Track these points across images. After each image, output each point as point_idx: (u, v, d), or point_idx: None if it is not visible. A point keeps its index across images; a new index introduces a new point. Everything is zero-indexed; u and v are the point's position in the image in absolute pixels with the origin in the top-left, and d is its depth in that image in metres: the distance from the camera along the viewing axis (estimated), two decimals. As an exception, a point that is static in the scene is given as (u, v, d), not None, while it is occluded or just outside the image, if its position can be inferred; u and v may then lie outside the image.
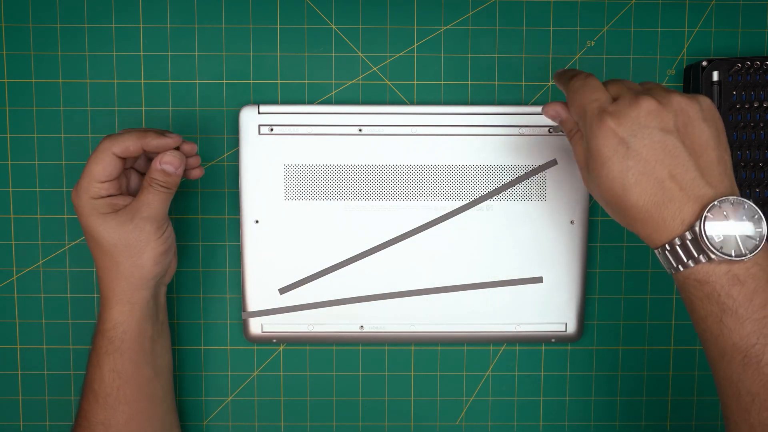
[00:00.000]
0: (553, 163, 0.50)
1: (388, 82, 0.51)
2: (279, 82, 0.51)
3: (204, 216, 0.52)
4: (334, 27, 0.51)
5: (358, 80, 0.51)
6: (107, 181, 0.43)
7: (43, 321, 0.53)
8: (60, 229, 0.52)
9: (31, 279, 0.52)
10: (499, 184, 0.50)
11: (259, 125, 0.49)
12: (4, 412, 0.53)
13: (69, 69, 0.51)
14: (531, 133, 0.50)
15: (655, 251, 0.37)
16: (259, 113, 0.49)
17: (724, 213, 0.35)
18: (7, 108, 0.51)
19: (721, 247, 0.34)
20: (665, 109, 0.36)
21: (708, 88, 0.49)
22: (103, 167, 0.42)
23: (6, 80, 0.51)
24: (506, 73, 0.51)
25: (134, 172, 0.46)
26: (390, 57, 0.51)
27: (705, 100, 0.37)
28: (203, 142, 0.51)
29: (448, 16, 0.51)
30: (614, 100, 0.37)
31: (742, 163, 0.49)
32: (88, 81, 0.51)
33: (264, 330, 0.51)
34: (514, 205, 0.50)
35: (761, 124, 0.49)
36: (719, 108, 0.49)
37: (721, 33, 0.51)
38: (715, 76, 0.49)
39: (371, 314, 0.51)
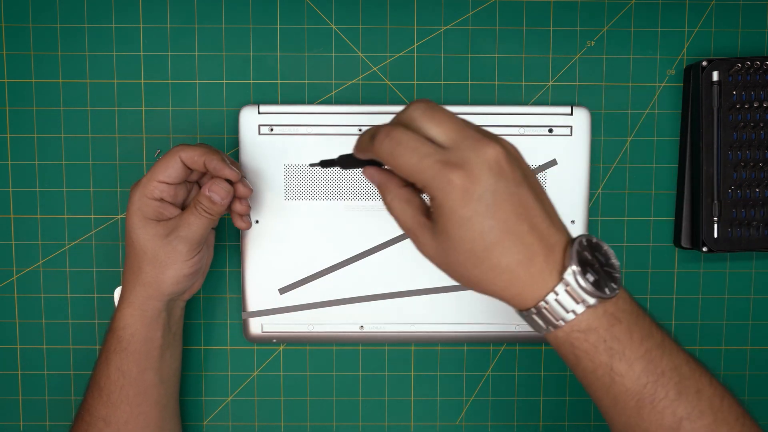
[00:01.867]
0: (553, 163, 0.50)
1: (388, 82, 0.51)
2: (279, 82, 0.51)
3: (204, 216, 0.52)
4: (334, 27, 0.51)
5: (358, 80, 0.51)
6: (165, 182, 0.43)
7: (43, 321, 0.53)
8: (60, 229, 0.52)
9: (31, 279, 0.52)
10: (499, 184, 0.50)
11: (259, 125, 0.49)
12: (4, 412, 0.53)
13: (69, 69, 0.51)
14: (531, 133, 0.50)
15: (523, 313, 0.34)
16: (259, 113, 0.49)
17: (585, 254, 0.33)
18: (7, 108, 0.51)
19: (595, 289, 0.32)
20: (510, 157, 0.32)
21: (708, 88, 0.49)
22: (165, 167, 0.43)
23: (6, 80, 0.51)
24: (506, 73, 0.51)
25: (196, 188, 0.47)
26: (390, 57, 0.51)
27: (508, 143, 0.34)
28: (203, 142, 0.51)
29: (448, 16, 0.51)
30: (440, 145, 0.32)
31: (742, 163, 0.49)
32: (88, 81, 0.51)
33: (264, 330, 0.51)
34: (514, 205, 0.50)
35: (761, 124, 0.49)
36: (719, 108, 0.49)
37: (721, 33, 0.51)
38: (715, 76, 0.49)
39: (371, 314, 0.51)
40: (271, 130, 0.50)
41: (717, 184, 0.49)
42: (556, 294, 0.32)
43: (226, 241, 0.52)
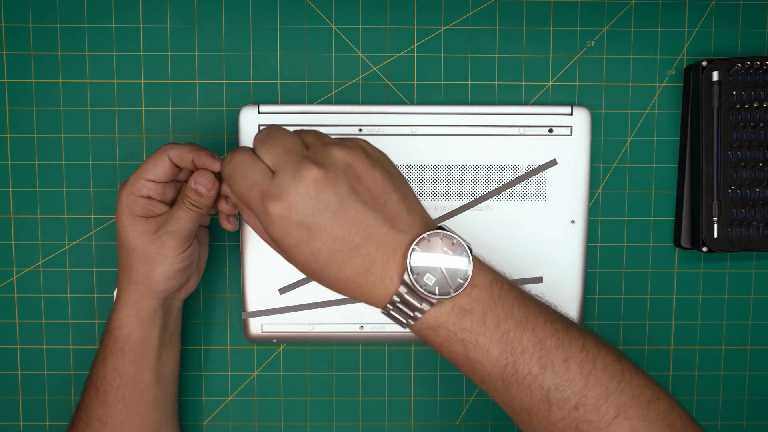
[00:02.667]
0: (553, 163, 0.50)
1: (388, 82, 0.51)
2: (279, 82, 0.51)
3: (204, 216, 0.52)
4: (334, 27, 0.51)
5: (358, 80, 0.51)
6: (153, 181, 0.43)
7: (43, 321, 0.53)
8: (60, 229, 0.52)
9: (31, 279, 0.52)
10: (499, 184, 0.50)
11: (259, 125, 0.49)
12: (4, 412, 0.53)
13: (69, 69, 0.51)
14: (531, 133, 0.50)
15: (382, 312, 0.35)
16: (259, 113, 0.49)
17: (427, 253, 0.33)
18: (7, 108, 0.51)
19: (437, 288, 0.33)
20: (331, 172, 0.33)
21: (708, 88, 0.49)
22: (153, 166, 0.43)
23: (6, 80, 0.51)
24: (506, 73, 0.51)
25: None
26: (390, 57, 0.51)
27: (364, 143, 0.35)
28: (203, 142, 0.51)
29: (448, 16, 0.51)
30: (273, 171, 0.33)
31: (742, 163, 0.49)
32: (88, 81, 0.51)
33: (264, 330, 0.51)
34: (514, 205, 0.50)
35: (761, 124, 0.49)
36: (719, 108, 0.49)
37: (721, 33, 0.51)
38: (715, 76, 0.49)
39: (371, 314, 0.51)
40: (271, 130, 0.49)
41: (717, 184, 0.49)
42: (400, 296, 0.33)
43: (226, 241, 0.52)
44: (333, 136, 0.36)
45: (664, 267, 0.53)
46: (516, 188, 0.50)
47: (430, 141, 0.50)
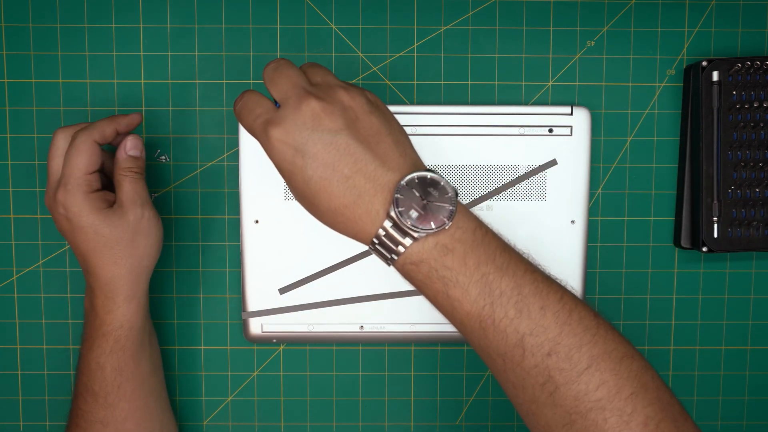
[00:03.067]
0: (553, 163, 0.50)
1: (388, 82, 0.51)
2: (279, 82, 0.51)
3: (204, 216, 0.52)
4: (334, 27, 0.51)
5: (358, 80, 0.51)
6: (94, 172, 0.43)
7: (43, 321, 0.53)
8: (60, 229, 0.52)
9: (31, 279, 0.52)
10: (499, 184, 0.50)
11: (259, 125, 0.49)
12: (4, 412, 0.53)
13: (69, 69, 0.51)
14: (531, 133, 0.50)
15: (369, 248, 0.37)
16: (259, 113, 0.49)
17: (414, 191, 0.35)
18: (7, 108, 0.51)
19: (420, 224, 0.34)
20: (330, 107, 0.35)
21: (708, 88, 0.49)
22: (88, 157, 0.43)
23: (6, 80, 0.51)
24: (506, 73, 0.51)
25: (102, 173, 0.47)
26: (390, 57, 0.51)
27: (369, 93, 0.37)
28: (203, 142, 0.51)
29: (448, 16, 0.51)
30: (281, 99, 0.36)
31: (742, 163, 0.49)
32: (88, 81, 0.51)
33: (264, 330, 0.51)
34: (514, 205, 0.50)
35: (761, 124, 0.49)
36: (719, 108, 0.49)
37: (721, 33, 0.51)
38: (715, 76, 0.49)
39: (371, 314, 0.51)
40: (271, 130, 0.49)
41: (717, 184, 0.49)
42: (385, 230, 0.35)
43: (226, 241, 0.52)
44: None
45: (664, 267, 0.53)
46: (516, 188, 0.50)
47: (430, 141, 0.50)
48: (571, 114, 0.50)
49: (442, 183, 0.36)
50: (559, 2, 0.51)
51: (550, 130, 0.50)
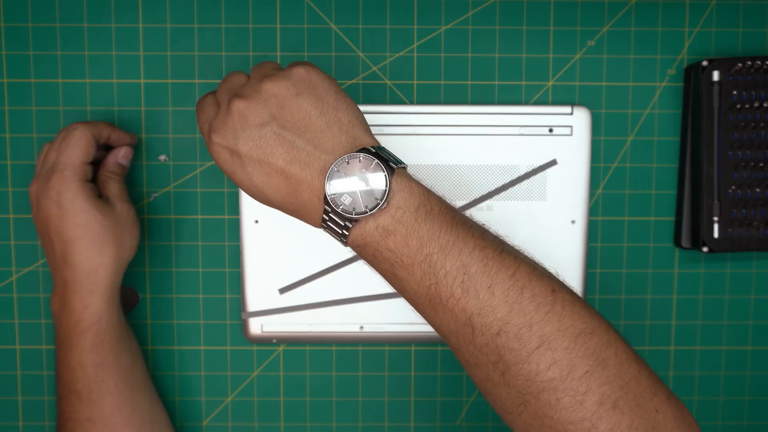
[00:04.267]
0: (553, 163, 0.50)
1: (388, 82, 0.51)
2: (279, 82, 0.51)
3: (204, 216, 0.52)
4: (334, 27, 0.51)
5: (358, 80, 0.51)
6: (89, 163, 0.45)
7: (43, 321, 0.53)
8: (60, 229, 0.52)
9: (30, 279, 0.52)
10: (499, 184, 0.50)
11: (259, 125, 0.49)
12: (3, 412, 0.53)
13: (68, 69, 0.51)
14: (531, 133, 0.50)
15: (324, 231, 0.37)
16: (258, 113, 0.49)
17: (345, 173, 0.34)
18: (7, 108, 0.51)
19: (354, 208, 0.34)
20: (254, 103, 0.35)
21: (708, 88, 0.49)
22: (87, 148, 0.45)
23: (6, 80, 0.51)
24: (506, 73, 0.51)
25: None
26: (390, 57, 0.51)
27: (297, 71, 0.36)
28: (203, 142, 0.51)
29: (448, 16, 0.51)
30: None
31: (743, 163, 0.49)
32: (87, 81, 0.51)
33: (264, 330, 0.51)
34: (514, 205, 0.50)
35: (761, 124, 0.49)
36: (719, 108, 0.49)
37: (722, 33, 0.51)
38: (716, 76, 0.49)
39: (371, 314, 0.51)
40: (271, 130, 0.49)
41: (717, 184, 0.49)
42: (327, 215, 0.35)
43: (226, 241, 0.52)
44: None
45: (665, 267, 0.53)
46: (516, 188, 0.50)
47: (430, 141, 0.50)
48: (571, 114, 0.50)
49: (374, 161, 0.34)
50: (559, 2, 0.51)
51: (550, 130, 0.50)
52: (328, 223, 0.35)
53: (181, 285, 0.52)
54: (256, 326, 0.51)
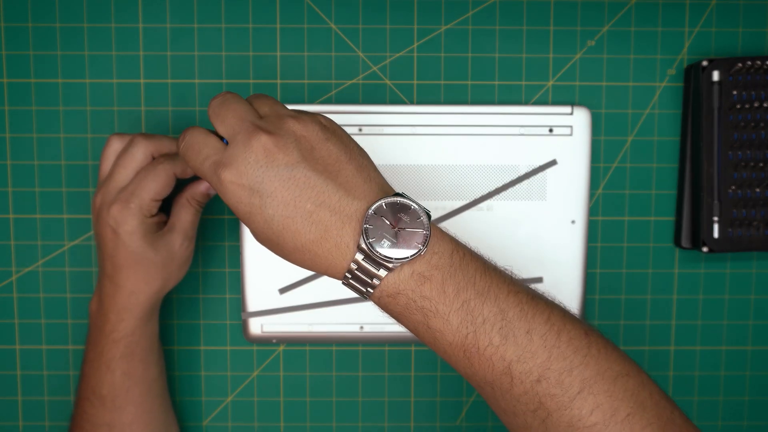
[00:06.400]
0: (553, 163, 0.50)
1: (388, 82, 0.51)
2: (279, 82, 0.51)
3: (204, 216, 0.52)
4: (334, 27, 0.51)
5: (358, 80, 0.51)
6: (161, 200, 0.43)
7: (43, 321, 0.52)
8: (60, 229, 0.52)
9: (30, 279, 0.52)
10: (499, 184, 0.50)
11: (259, 125, 0.49)
12: (3, 412, 0.53)
13: (68, 69, 0.51)
14: (531, 133, 0.50)
15: (342, 283, 0.35)
16: (258, 113, 0.49)
17: (383, 218, 0.33)
18: (6, 108, 0.51)
19: (394, 253, 0.32)
20: (282, 140, 0.33)
21: (708, 88, 0.49)
22: (163, 187, 0.42)
23: (5, 80, 0.51)
24: (506, 73, 0.51)
25: None
26: (390, 57, 0.51)
27: (322, 117, 0.35)
28: (203, 142, 0.51)
29: (448, 16, 0.51)
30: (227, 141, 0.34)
31: (743, 163, 0.49)
32: (87, 81, 0.51)
33: (264, 330, 0.51)
34: (514, 205, 0.50)
35: (761, 124, 0.49)
36: (719, 108, 0.49)
37: (722, 33, 0.51)
38: (716, 76, 0.49)
39: (371, 314, 0.51)
40: (271, 130, 0.49)
41: (717, 184, 0.49)
42: (357, 263, 0.33)
43: (226, 241, 0.52)
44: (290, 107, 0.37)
45: (665, 267, 0.53)
46: (516, 188, 0.50)
47: (430, 141, 0.50)
48: (571, 114, 0.50)
49: (412, 207, 0.34)
50: (559, 2, 0.51)
51: (550, 130, 0.50)
52: (356, 272, 0.33)
53: (181, 285, 0.52)
54: (256, 326, 0.51)
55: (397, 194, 0.34)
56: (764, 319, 0.53)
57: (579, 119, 0.50)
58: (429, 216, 0.34)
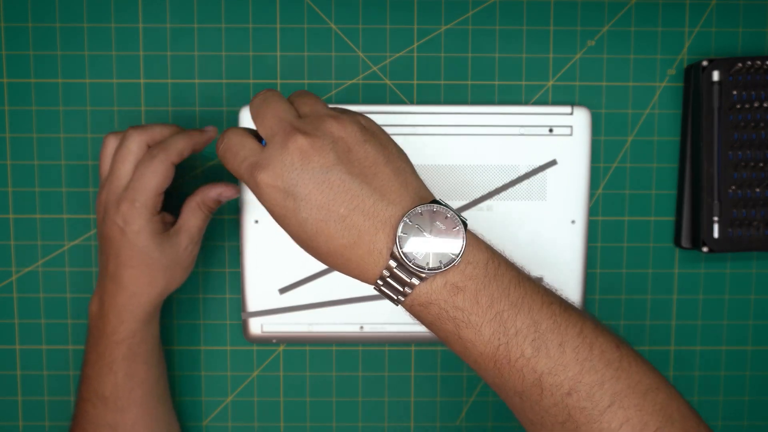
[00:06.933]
0: (553, 163, 0.50)
1: (388, 82, 0.51)
2: (279, 82, 0.51)
3: (204, 216, 0.52)
4: (334, 27, 0.51)
5: (358, 80, 0.51)
6: (162, 192, 0.43)
7: (43, 321, 0.52)
8: (59, 229, 0.52)
9: (30, 279, 0.52)
10: (499, 184, 0.50)
11: (259, 125, 0.49)
12: (3, 413, 0.53)
13: (68, 69, 0.51)
14: (531, 133, 0.50)
15: (375, 289, 0.34)
16: (258, 113, 0.49)
17: (418, 226, 0.32)
18: (6, 108, 0.51)
19: (428, 263, 0.32)
20: (319, 142, 0.32)
21: (708, 88, 0.49)
22: (164, 179, 0.42)
23: (5, 80, 0.51)
24: (506, 73, 0.51)
25: None
26: (390, 57, 0.51)
27: (362, 117, 0.35)
28: (203, 142, 0.51)
29: (448, 16, 0.51)
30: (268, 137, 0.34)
31: (743, 163, 0.49)
32: (87, 81, 0.51)
33: (264, 330, 0.51)
34: (514, 205, 0.50)
35: (762, 124, 0.49)
36: (719, 108, 0.49)
37: (722, 33, 0.51)
38: (716, 76, 0.49)
39: (371, 314, 0.51)
40: (271, 130, 0.49)
41: (717, 184, 0.49)
42: (390, 271, 0.32)
43: (226, 241, 0.52)
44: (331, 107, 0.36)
45: (665, 267, 0.53)
46: (516, 188, 0.50)
47: (430, 141, 0.50)
48: (571, 114, 0.50)
49: (449, 214, 0.33)
50: (559, 2, 0.51)
51: (550, 130, 0.50)
52: (389, 279, 0.33)
53: (181, 285, 0.52)
54: (256, 326, 0.51)
55: (434, 201, 0.33)
56: (764, 319, 0.53)
57: (579, 119, 0.50)
58: (465, 225, 0.33)
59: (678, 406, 0.33)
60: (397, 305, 0.34)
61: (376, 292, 0.51)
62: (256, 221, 0.50)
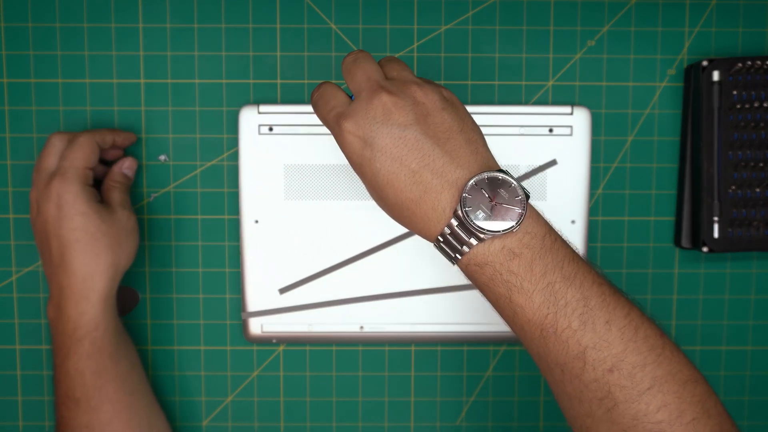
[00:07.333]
0: (553, 163, 0.50)
1: (388, 82, 0.51)
2: (279, 81, 0.51)
3: (204, 216, 0.52)
4: (334, 27, 0.51)
5: (358, 80, 0.51)
6: (91, 168, 0.46)
7: (42, 321, 0.52)
8: (59, 229, 0.52)
9: (30, 279, 0.52)
10: (499, 184, 0.50)
11: (259, 125, 0.49)
12: (3, 412, 0.53)
13: (68, 69, 0.51)
14: (531, 133, 0.50)
15: (433, 245, 0.36)
16: (258, 113, 0.49)
17: (482, 190, 0.34)
18: (6, 108, 0.51)
19: (488, 225, 0.34)
20: (401, 102, 0.35)
21: (708, 88, 0.49)
22: (90, 153, 0.45)
23: (5, 80, 0.51)
24: (506, 73, 0.51)
25: None
26: (390, 57, 0.51)
27: (444, 90, 0.37)
28: (203, 141, 0.51)
29: (448, 16, 0.51)
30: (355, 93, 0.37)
31: (743, 163, 0.49)
32: (87, 81, 0.51)
33: (264, 330, 0.51)
34: (514, 205, 0.50)
35: (762, 124, 0.49)
36: (719, 108, 0.49)
37: (722, 33, 0.51)
38: (716, 76, 0.49)
39: (371, 314, 0.51)
40: (271, 129, 0.49)
41: (717, 184, 0.49)
42: (450, 228, 0.34)
43: (226, 241, 0.52)
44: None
45: (665, 267, 0.53)
46: (516, 188, 0.50)
47: (430, 141, 0.50)
48: (571, 114, 0.50)
49: (513, 184, 0.35)
50: (559, 2, 0.51)
51: (550, 130, 0.50)
52: (449, 236, 0.35)
53: (181, 285, 0.52)
54: (256, 326, 0.51)
55: (501, 170, 0.35)
56: (764, 319, 0.53)
57: (579, 119, 0.50)
58: (528, 196, 0.35)
59: (715, 403, 0.34)
60: (454, 264, 0.36)
61: (376, 292, 0.51)
62: (256, 221, 0.50)
